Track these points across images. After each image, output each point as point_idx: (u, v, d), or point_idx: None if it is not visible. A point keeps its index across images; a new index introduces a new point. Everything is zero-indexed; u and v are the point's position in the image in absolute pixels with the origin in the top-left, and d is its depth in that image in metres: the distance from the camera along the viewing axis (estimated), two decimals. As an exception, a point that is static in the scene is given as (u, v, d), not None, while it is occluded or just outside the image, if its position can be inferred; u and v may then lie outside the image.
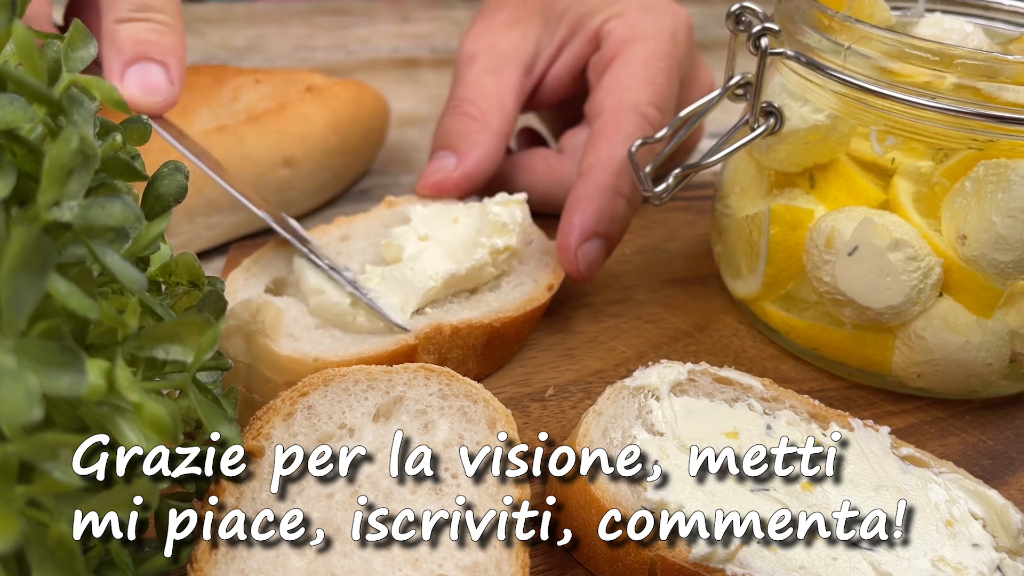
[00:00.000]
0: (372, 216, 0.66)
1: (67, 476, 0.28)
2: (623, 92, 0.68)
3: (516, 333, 0.60)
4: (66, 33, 0.38)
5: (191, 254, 0.42)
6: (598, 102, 0.69)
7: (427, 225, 0.62)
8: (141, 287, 0.32)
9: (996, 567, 0.43)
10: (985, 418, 0.60)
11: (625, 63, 0.69)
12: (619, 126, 0.66)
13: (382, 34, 1.26)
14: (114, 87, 0.35)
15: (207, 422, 0.35)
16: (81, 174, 0.30)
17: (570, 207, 0.63)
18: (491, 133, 0.69)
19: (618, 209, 0.64)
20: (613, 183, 0.63)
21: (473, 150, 0.68)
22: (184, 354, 0.34)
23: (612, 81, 0.69)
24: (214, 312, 0.40)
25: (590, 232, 0.62)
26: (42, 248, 0.27)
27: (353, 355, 0.52)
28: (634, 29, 0.71)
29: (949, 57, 0.52)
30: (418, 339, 0.54)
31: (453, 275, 0.57)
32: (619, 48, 0.70)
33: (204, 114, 0.67)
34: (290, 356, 0.51)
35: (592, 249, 0.63)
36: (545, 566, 0.46)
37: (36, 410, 0.26)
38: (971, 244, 0.54)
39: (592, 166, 0.64)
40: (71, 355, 0.28)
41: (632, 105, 0.66)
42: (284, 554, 0.38)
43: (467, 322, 0.56)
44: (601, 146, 0.65)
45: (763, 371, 0.63)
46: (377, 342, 0.53)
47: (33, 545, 0.29)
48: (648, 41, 0.70)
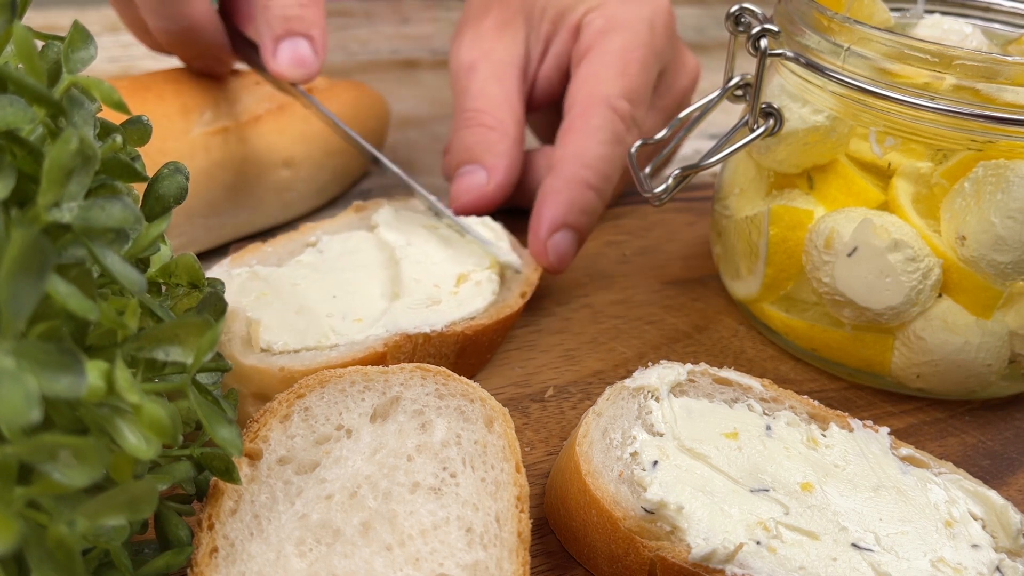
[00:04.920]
0: (339, 221, 0.65)
1: (66, 478, 0.28)
2: (594, 84, 0.68)
3: (489, 341, 0.59)
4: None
5: (191, 255, 0.41)
6: (571, 95, 0.69)
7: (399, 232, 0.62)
8: (141, 288, 0.32)
9: (996, 568, 0.43)
10: (984, 419, 0.60)
11: (599, 54, 0.70)
12: (587, 120, 0.66)
13: (382, 35, 1.26)
14: (114, 88, 0.35)
15: (207, 423, 0.35)
16: (81, 175, 0.30)
17: (540, 200, 0.64)
18: (512, 141, 0.69)
19: (587, 201, 0.64)
20: (581, 176, 0.64)
21: (501, 160, 0.68)
22: (184, 355, 0.34)
23: (585, 73, 0.69)
24: (214, 313, 0.40)
25: (559, 224, 0.63)
26: (41, 249, 0.27)
27: (320, 364, 0.51)
28: (611, 20, 0.71)
29: (948, 58, 0.52)
30: (387, 347, 0.53)
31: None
32: (595, 39, 0.71)
33: (205, 115, 0.67)
34: (255, 366, 0.50)
35: (562, 240, 0.63)
36: (545, 566, 0.46)
37: (35, 412, 0.26)
38: (970, 245, 0.54)
39: (561, 160, 0.65)
40: (70, 356, 0.28)
41: (602, 98, 0.67)
42: (284, 555, 0.38)
43: (438, 331, 0.55)
44: (569, 140, 0.66)
45: (763, 372, 0.63)
46: (346, 351, 0.52)
47: (32, 546, 0.29)
48: (624, 31, 0.70)
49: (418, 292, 0.58)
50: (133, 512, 0.31)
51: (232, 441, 0.35)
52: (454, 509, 0.41)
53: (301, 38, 0.64)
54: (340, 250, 0.61)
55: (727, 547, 0.41)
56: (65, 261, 0.31)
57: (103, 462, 0.29)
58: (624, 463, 0.45)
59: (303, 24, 0.64)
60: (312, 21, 0.64)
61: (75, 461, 0.28)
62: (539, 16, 0.74)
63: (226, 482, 0.39)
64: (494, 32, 0.74)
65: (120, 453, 0.31)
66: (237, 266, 0.58)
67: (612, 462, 0.46)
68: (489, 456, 0.43)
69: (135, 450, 0.31)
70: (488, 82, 0.71)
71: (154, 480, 0.36)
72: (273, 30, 0.64)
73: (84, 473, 0.28)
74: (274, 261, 0.60)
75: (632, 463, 0.45)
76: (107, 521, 0.30)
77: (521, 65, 0.73)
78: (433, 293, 0.58)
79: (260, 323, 0.53)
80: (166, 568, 0.36)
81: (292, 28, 0.64)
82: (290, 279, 0.57)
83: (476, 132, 0.69)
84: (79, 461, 0.28)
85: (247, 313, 0.54)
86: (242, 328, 0.53)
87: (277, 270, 0.58)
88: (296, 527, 0.39)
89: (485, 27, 0.74)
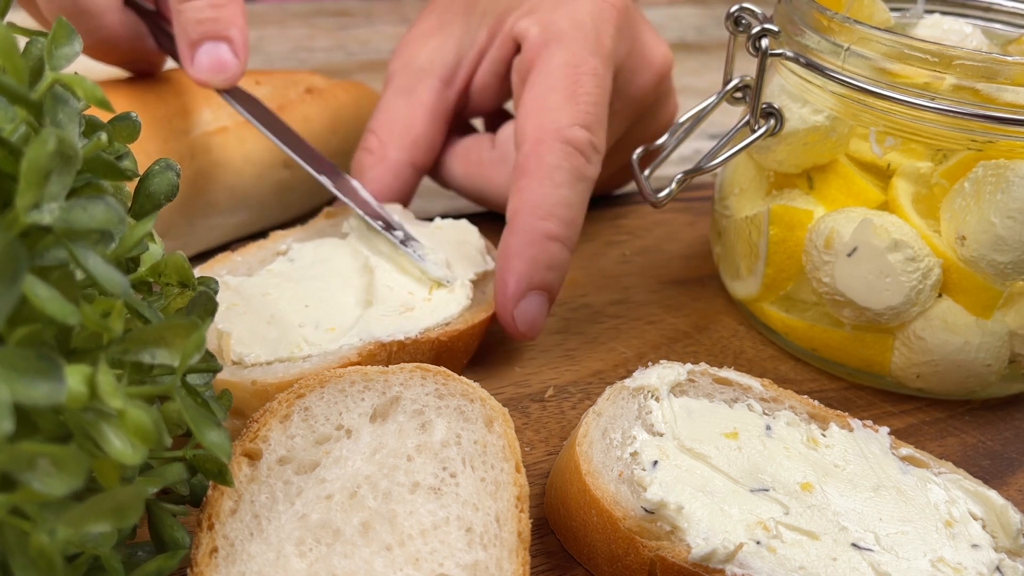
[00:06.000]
0: (310, 228, 0.65)
1: (46, 486, 0.27)
2: (543, 115, 0.60)
3: (465, 347, 0.58)
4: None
5: (180, 254, 0.40)
6: (519, 127, 0.62)
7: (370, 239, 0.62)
8: (123, 290, 0.31)
9: (995, 568, 0.43)
10: (984, 419, 0.60)
11: (543, 75, 0.62)
12: (541, 160, 0.59)
13: (382, 35, 1.26)
14: (96, 86, 0.34)
15: (194, 427, 0.34)
16: (62, 175, 0.29)
17: (502, 263, 0.58)
18: (387, 168, 0.67)
19: (552, 256, 0.58)
20: (541, 229, 0.58)
21: (370, 185, 0.67)
22: (171, 358, 0.33)
23: (530, 100, 0.62)
24: (203, 314, 0.38)
25: (524, 288, 0.57)
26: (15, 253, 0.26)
27: (293, 376, 0.50)
28: (548, 28, 0.63)
29: (948, 58, 0.52)
30: (361, 357, 0.52)
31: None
32: (536, 53, 0.63)
33: (205, 115, 0.67)
34: (227, 380, 0.49)
35: (530, 306, 0.58)
36: (545, 566, 0.46)
37: (5, 423, 0.25)
38: (970, 245, 0.54)
39: (517, 212, 0.59)
40: (49, 362, 0.27)
41: (553, 131, 0.59)
42: (284, 555, 0.38)
43: (412, 339, 0.54)
44: (524, 186, 0.59)
45: (762, 372, 0.63)
46: (319, 361, 0.51)
47: (16, 554, 0.29)
48: (565, 42, 0.62)
49: (391, 300, 0.56)
50: (119, 519, 0.30)
51: (220, 445, 0.34)
52: (454, 509, 0.41)
53: (219, 41, 0.61)
54: (312, 258, 0.60)
55: (727, 547, 0.41)
56: (47, 263, 0.30)
57: (83, 470, 0.28)
58: (624, 463, 0.45)
59: (219, 26, 0.60)
60: (228, 21, 0.61)
61: (54, 469, 0.27)
62: (478, 20, 0.69)
63: (223, 484, 0.39)
64: (423, 37, 0.71)
65: (105, 458, 0.30)
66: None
67: (612, 462, 0.46)
68: (489, 456, 0.43)
69: (120, 455, 0.30)
70: (395, 97, 0.69)
71: (144, 484, 0.35)
72: (188, 35, 0.60)
73: (64, 482, 0.27)
74: (244, 270, 0.59)
75: (632, 463, 0.45)
76: (91, 528, 0.29)
77: (441, 74, 0.69)
78: (407, 300, 0.57)
79: (231, 335, 0.52)
80: (159, 572, 0.36)
81: (207, 32, 0.60)
82: (261, 288, 0.56)
83: (359, 155, 0.69)
84: (58, 469, 0.28)
85: (217, 325, 0.52)
86: (213, 340, 0.52)
87: (248, 280, 0.57)
88: (296, 527, 0.39)
89: (417, 32, 0.72)
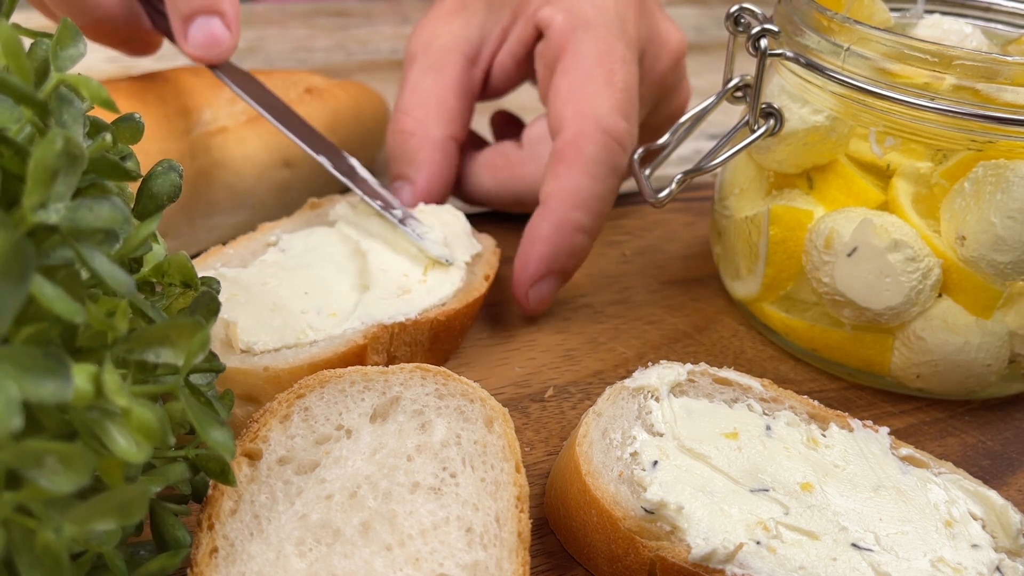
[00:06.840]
0: (296, 219, 0.65)
1: (52, 484, 0.28)
2: (582, 103, 0.62)
3: (460, 326, 0.60)
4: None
5: (183, 254, 0.41)
6: (556, 114, 0.64)
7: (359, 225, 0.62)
8: (128, 289, 0.32)
9: (995, 568, 0.43)
10: (984, 419, 0.60)
11: (577, 62, 0.64)
12: (581, 150, 0.61)
13: (381, 35, 1.26)
14: (102, 86, 0.34)
15: (198, 426, 0.34)
16: (68, 175, 0.30)
17: (527, 244, 0.61)
18: (433, 145, 0.67)
19: (576, 245, 0.61)
20: (573, 219, 0.60)
21: (421, 172, 0.66)
22: (175, 357, 0.33)
23: (567, 87, 0.64)
24: (206, 314, 0.39)
25: (544, 272, 0.61)
26: (23, 252, 0.26)
27: (303, 361, 0.51)
28: (573, 14, 0.65)
29: (948, 58, 0.52)
30: (367, 339, 0.53)
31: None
32: (565, 41, 0.65)
33: (205, 115, 0.67)
34: (239, 368, 0.50)
35: (546, 286, 0.62)
36: (545, 566, 0.46)
37: (15, 419, 0.26)
38: (970, 245, 0.54)
39: (551, 197, 0.61)
40: (55, 361, 0.27)
41: (594, 119, 0.61)
42: (284, 555, 0.38)
43: (413, 319, 0.56)
44: (561, 172, 0.61)
45: (762, 372, 0.63)
46: (326, 346, 0.53)
47: (22, 551, 0.29)
48: (594, 29, 0.64)
49: (388, 282, 0.58)
50: (123, 516, 0.30)
51: (224, 443, 0.35)
52: (454, 509, 0.41)
53: (211, 15, 0.61)
54: (303, 247, 0.61)
55: (727, 547, 0.41)
56: (53, 263, 0.30)
57: (90, 468, 0.28)
58: (624, 463, 0.45)
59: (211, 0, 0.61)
60: None
61: (61, 467, 0.28)
62: (499, 3, 0.70)
63: (224, 483, 0.39)
64: (446, 16, 0.71)
65: (110, 456, 0.31)
66: (201, 270, 0.58)
67: (612, 462, 0.46)
68: (489, 456, 0.43)
69: (125, 454, 0.30)
70: (422, 74, 0.69)
71: (148, 482, 0.35)
72: (180, 11, 0.61)
73: (70, 479, 0.28)
74: (237, 262, 0.60)
75: (632, 463, 0.45)
76: (97, 526, 0.30)
77: (467, 51, 0.70)
78: (403, 282, 0.59)
79: (237, 324, 0.52)
80: (161, 571, 0.36)
81: (199, 6, 0.60)
82: (259, 279, 0.57)
83: (397, 139, 0.68)
84: (65, 467, 0.28)
85: (222, 315, 0.53)
86: (219, 330, 0.53)
87: (244, 271, 0.58)
88: (296, 527, 0.39)
89: (439, 12, 0.72)
